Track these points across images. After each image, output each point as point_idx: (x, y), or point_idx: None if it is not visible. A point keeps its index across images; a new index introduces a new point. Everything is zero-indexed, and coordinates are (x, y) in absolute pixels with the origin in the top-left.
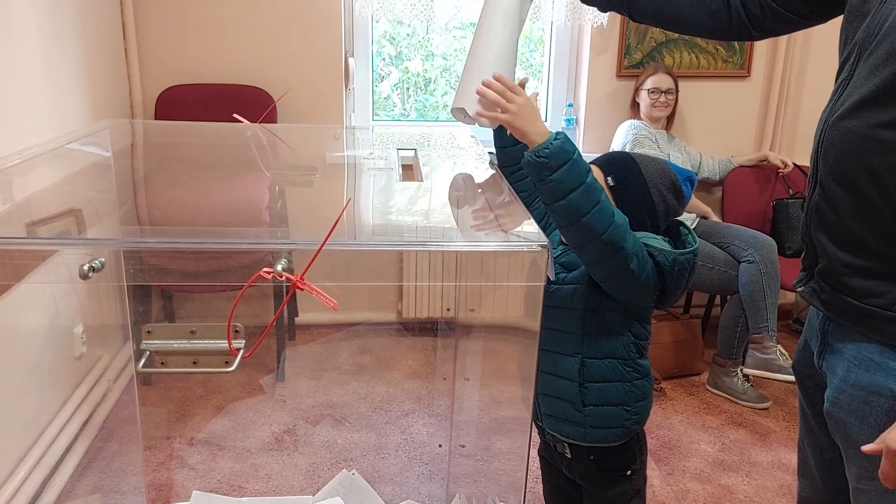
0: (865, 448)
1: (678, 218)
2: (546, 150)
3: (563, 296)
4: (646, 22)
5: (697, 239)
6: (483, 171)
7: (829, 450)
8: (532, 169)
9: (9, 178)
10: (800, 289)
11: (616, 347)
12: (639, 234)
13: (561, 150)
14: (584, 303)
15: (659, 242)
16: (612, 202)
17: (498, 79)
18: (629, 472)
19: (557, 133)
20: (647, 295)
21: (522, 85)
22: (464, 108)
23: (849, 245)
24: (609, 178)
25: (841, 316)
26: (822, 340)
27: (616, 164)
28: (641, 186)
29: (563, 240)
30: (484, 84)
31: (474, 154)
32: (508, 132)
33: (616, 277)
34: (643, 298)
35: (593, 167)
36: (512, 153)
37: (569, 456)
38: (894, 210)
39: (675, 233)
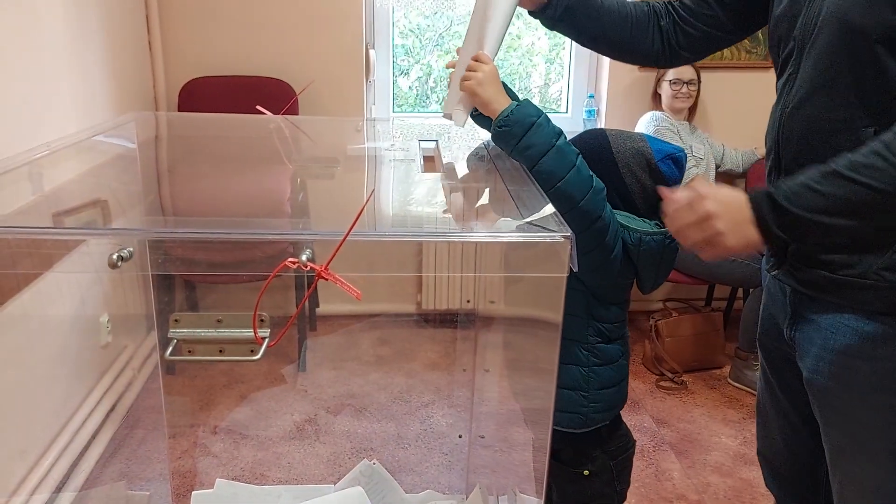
0: (673, 196)
1: None
2: (507, 118)
3: None
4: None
5: None
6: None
7: (791, 414)
8: (500, 140)
9: (38, 170)
10: (773, 272)
11: (573, 330)
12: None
13: (523, 115)
14: None
15: (631, 220)
16: None
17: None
18: (586, 472)
19: (520, 100)
20: (614, 272)
21: None
22: (450, 114)
23: None
24: None
25: (817, 289)
26: (792, 312)
27: (585, 142)
28: (611, 166)
29: None
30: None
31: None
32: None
33: (591, 251)
34: (610, 275)
35: None
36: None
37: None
38: None
39: None
